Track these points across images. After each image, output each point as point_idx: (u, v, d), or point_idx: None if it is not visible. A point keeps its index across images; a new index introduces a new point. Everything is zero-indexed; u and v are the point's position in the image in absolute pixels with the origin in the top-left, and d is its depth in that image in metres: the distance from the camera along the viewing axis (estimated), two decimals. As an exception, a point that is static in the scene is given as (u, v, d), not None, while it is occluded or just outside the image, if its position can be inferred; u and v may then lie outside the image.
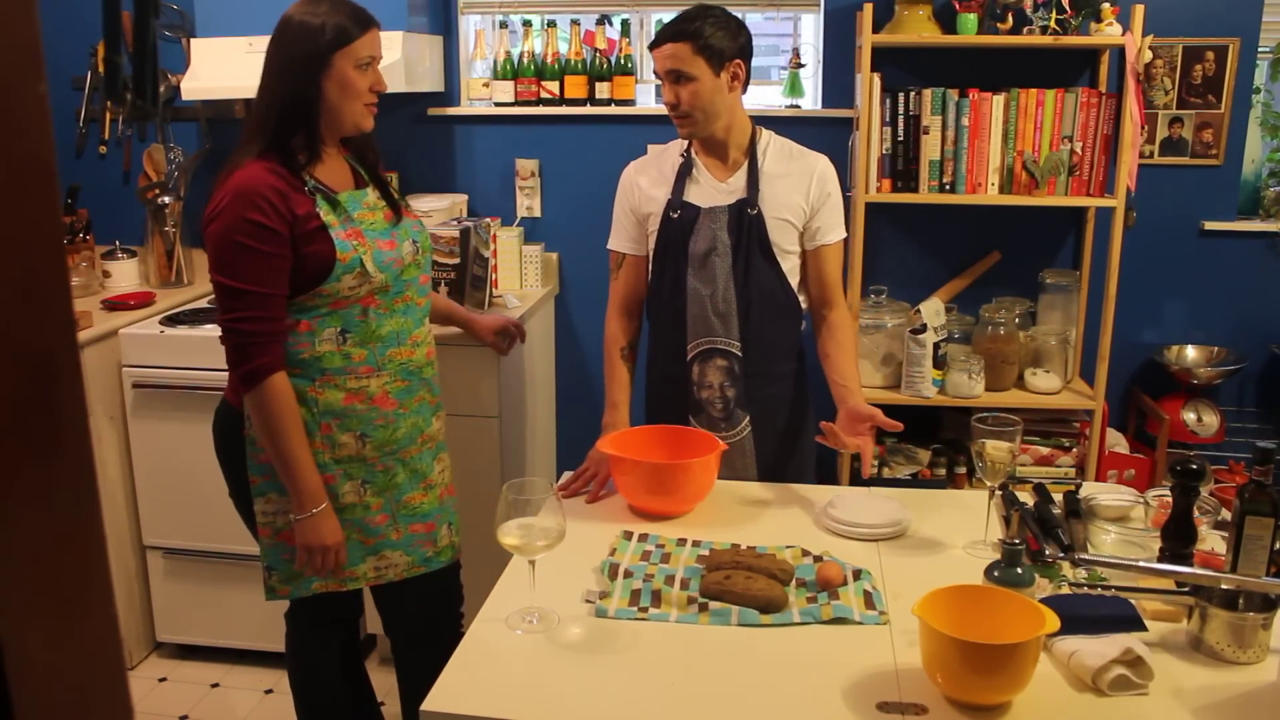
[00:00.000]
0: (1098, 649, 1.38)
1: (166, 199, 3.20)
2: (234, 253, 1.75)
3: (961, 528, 1.84)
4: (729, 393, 2.16)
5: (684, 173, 2.16)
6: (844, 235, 2.21)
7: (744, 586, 1.59)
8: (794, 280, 2.18)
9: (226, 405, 1.97)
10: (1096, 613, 1.46)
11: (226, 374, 1.87)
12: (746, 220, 2.11)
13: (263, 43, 1.83)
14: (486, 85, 3.23)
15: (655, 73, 2.11)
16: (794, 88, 3.14)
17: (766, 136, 2.19)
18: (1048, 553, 1.61)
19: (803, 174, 2.15)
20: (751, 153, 2.15)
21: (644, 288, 2.26)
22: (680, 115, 2.09)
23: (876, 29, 2.85)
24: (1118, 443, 3.13)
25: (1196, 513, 1.62)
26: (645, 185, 2.19)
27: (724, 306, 2.12)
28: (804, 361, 2.27)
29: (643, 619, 1.57)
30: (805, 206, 2.15)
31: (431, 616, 2.10)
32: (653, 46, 2.08)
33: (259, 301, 1.77)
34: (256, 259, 1.75)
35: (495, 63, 3.20)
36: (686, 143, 2.18)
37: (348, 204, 1.86)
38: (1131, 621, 1.45)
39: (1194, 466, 1.58)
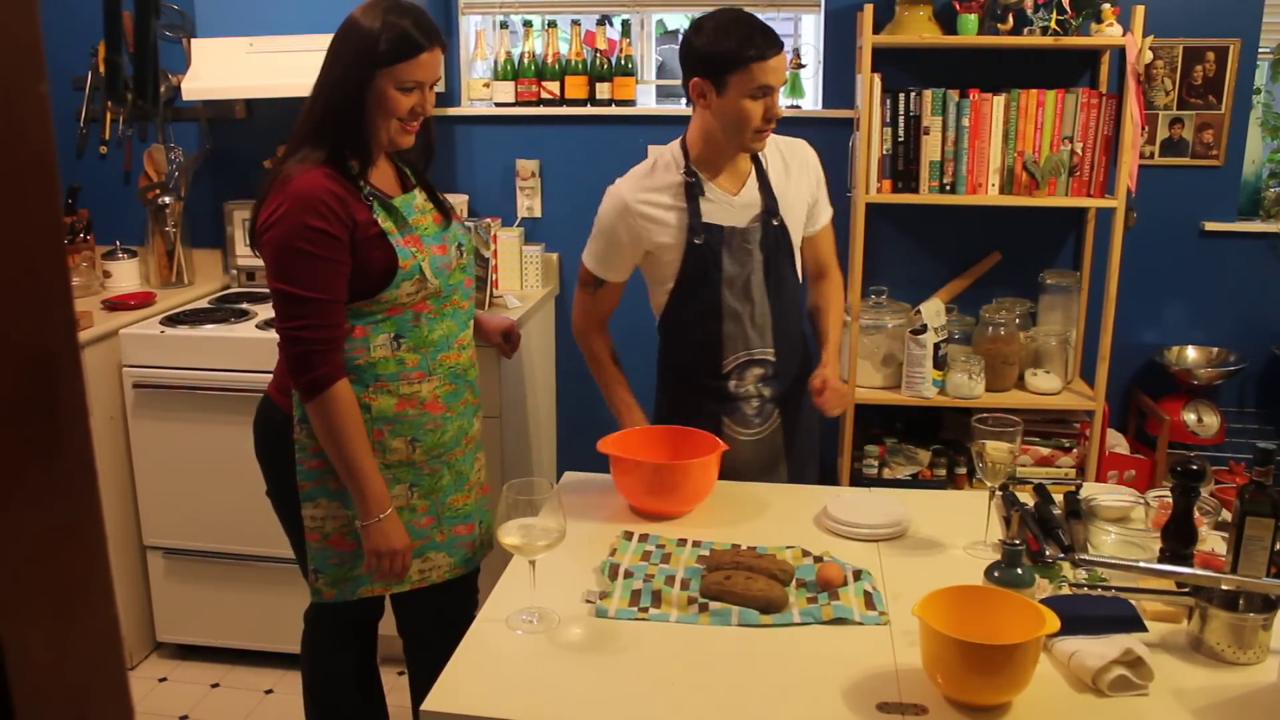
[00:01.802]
0: (1098, 649, 1.38)
1: (167, 199, 3.20)
2: (294, 259, 1.71)
3: (961, 528, 1.84)
4: (765, 392, 2.16)
5: (694, 193, 2.07)
6: (833, 211, 2.27)
7: (744, 587, 1.59)
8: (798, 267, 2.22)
9: (271, 404, 1.93)
10: (1096, 613, 1.46)
11: (258, 374, 1.83)
12: (773, 233, 2.11)
13: (263, 43, 1.81)
14: (487, 86, 3.23)
15: (765, 86, 1.95)
16: (794, 88, 3.14)
17: None
18: (1048, 553, 1.61)
19: (799, 167, 2.17)
20: (755, 158, 2.12)
21: (616, 304, 2.24)
22: (769, 127, 2.02)
23: (877, 29, 2.85)
24: (1118, 443, 3.13)
25: (1197, 513, 1.62)
26: (656, 214, 2.07)
27: (760, 319, 2.12)
28: (809, 345, 2.29)
29: (643, 619, 1.57)
30: (809, 200, 2.19)
31: (448, 618, 2.07)
32: (760, 58, 1.93)
33: (320, 309, 1.73)
34: (317, 265, 1.71)
35: (496, 63, 3.20)
36: (682, 160, 2.08)
37: (403, 209, 1.83)
38: (1131, 622, 1.45)
39: (1194, 467, 1.58)
